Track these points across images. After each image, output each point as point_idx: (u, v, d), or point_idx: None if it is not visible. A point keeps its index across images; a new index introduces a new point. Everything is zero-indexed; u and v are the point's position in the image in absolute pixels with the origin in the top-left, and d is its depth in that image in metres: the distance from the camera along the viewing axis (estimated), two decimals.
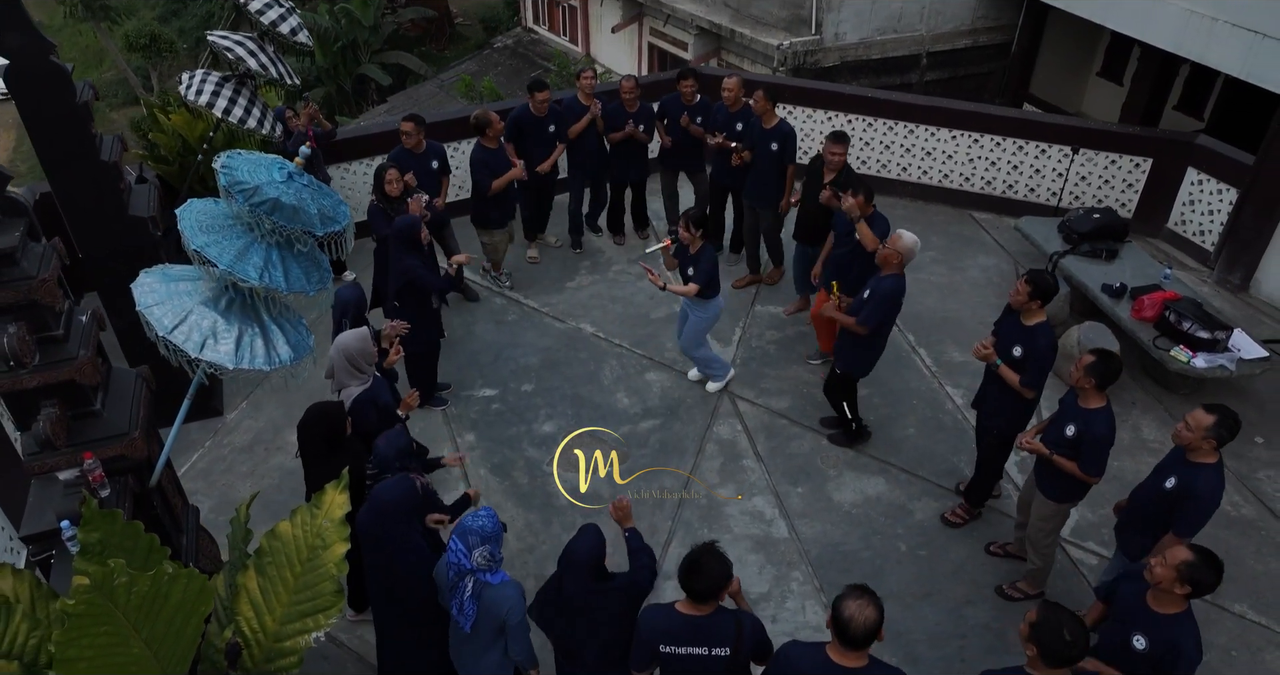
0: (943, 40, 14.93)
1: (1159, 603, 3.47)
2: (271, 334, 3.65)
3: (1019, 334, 4.84)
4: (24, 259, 3.63)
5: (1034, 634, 3.13)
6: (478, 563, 3.54)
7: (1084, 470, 4.42)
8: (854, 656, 3.15)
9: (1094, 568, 5.35)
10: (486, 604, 3.58)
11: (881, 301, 5.30)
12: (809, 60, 14.35)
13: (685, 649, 3.37)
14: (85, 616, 2.44)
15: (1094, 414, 4.38)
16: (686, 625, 3.38)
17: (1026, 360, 4.79)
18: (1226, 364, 5.96)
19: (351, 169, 7.86)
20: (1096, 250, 6.91)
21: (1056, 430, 4.52)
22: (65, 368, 3.75)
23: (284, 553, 3.35)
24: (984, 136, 8.06)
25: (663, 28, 17.38)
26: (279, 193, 3.40)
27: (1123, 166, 7.79)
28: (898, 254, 5.27)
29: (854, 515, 5.69)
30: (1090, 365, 4.31)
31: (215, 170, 3.42)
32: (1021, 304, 4.75)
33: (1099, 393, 4.38)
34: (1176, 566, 3.33)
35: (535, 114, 7.14)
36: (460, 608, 3.61)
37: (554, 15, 20.75)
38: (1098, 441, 4.35)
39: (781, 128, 6.79)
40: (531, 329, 7.23)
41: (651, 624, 3.45)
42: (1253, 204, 7.02)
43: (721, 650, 3.37)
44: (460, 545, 3.55)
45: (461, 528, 3.58)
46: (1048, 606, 3.16)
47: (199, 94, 5.36)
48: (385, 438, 4.32)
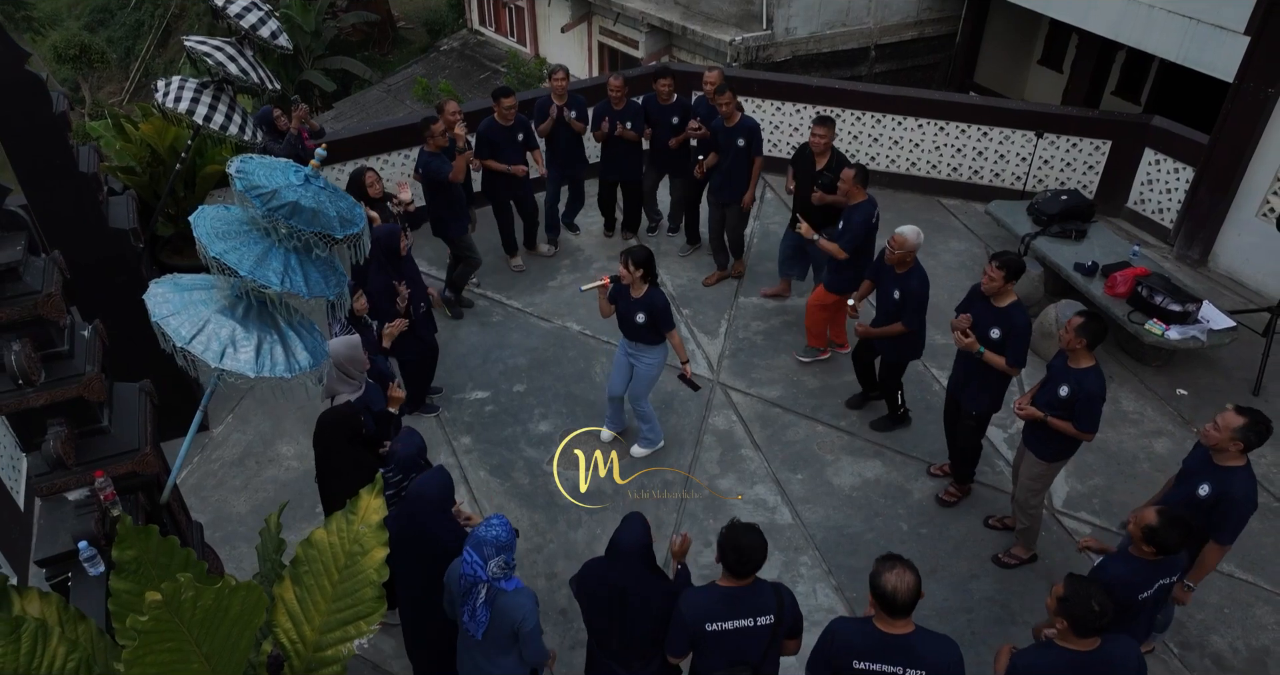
0: (890, 32, 15.21)
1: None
2: (290, 340, 3.58)
3: (994, 316, 4.93)
4: (27, 274, 3.52)
5: (1064, 608, 3.20)
6: (493, 573, 3.49)
7: (1080, 427, 4.55)
8: (901, 624, 3.24)
9: (1088, 536, 5.51)
10: (500, 610, 3.53)
11: (919, 304, 5.43)
12: (761, 55, 14.51)
13: (732, 623, 3.42)
14: (153, 633, 2.38)
15: (1085, 373, 4.52)
16: (729, 599, 3.43)
17: (1007, 340, 4.90)
18: (1198, 335, 6.19)
19: (345, 170, 7.79)
20: (1066, 231, 7.13)
21: (1049, 393, 4.65)
22: (73, 384, 3.65)
23: (321, 561, 3.30)
24: (949, 124, 8.25)
25: (612, 26, 17.39)
26: (297, 196, 3.35)
27: (1083, 149, 8.04)
28: (909, 253, 5.38)
29: (855, 498, 5.79)
30: (1080, 326, 4.44)
31: (230, 175, 3.35)
32: (997, 289, 4.84)
33: (1089, 353, 4.52)
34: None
35: (502, 124, 7.03)
36: (472, 614, 3.56)
37: (500, 16, 20.62)
38: (1091, 399, 4.49)
39: (745, 123, 6.87)
40: (517, 330, 7.20)
41: (694, 604, 3.47)
42: (1208, 181, 7.31)
43: (766, 618, 3.43)
44: (475, 556, 3.49)
45: (475, 538, 3.52)
46: (1073, 580, 3.25)
47: (177, 101, 5.22)
48: (400, 441, 4.29)
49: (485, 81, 20.19)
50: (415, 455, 4.26)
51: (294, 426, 6.37)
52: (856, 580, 5.27)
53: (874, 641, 3.24)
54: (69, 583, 3.64)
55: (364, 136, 7.98)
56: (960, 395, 5.28)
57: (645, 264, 5.29)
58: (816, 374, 6.71)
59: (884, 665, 3.25)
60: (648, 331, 5.44)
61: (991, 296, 4.91)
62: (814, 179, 6.41)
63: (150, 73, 26.80)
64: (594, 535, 5.58)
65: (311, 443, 6.08)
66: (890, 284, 5.55)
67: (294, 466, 6.09)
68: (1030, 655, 3.36)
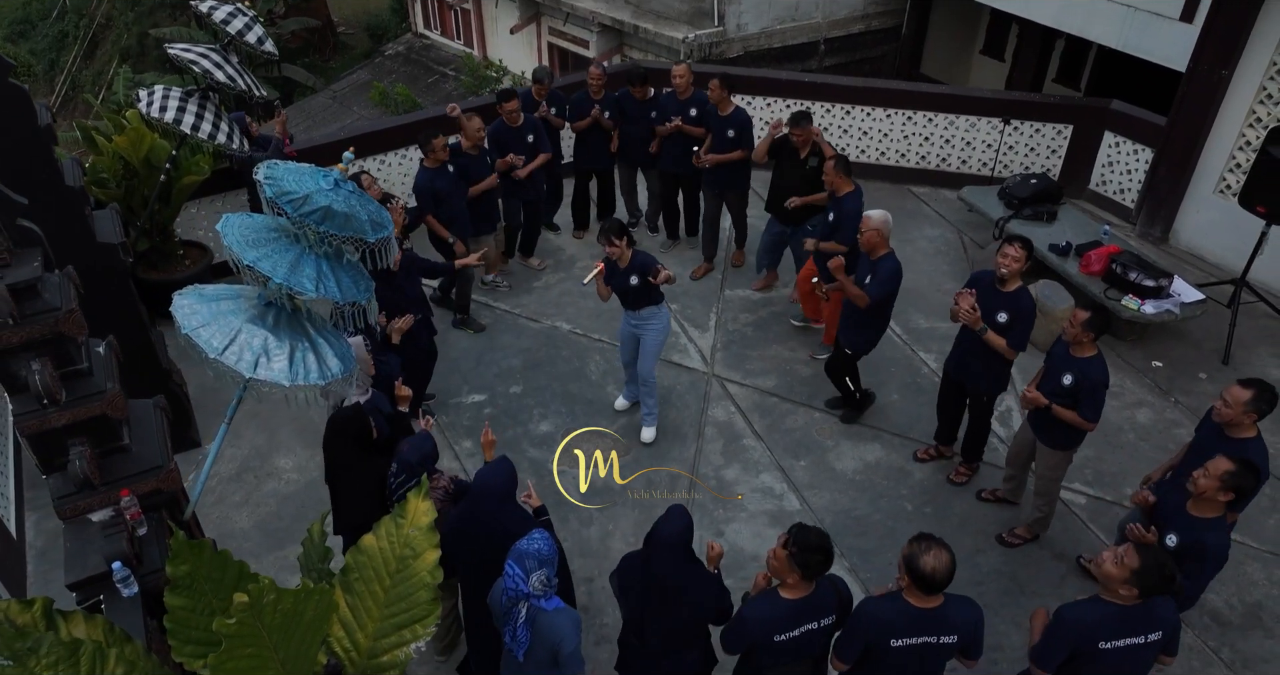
0: (838, 26, 15.46)
1: (1198, 508, 3.80)
2: (320, 347, 3.54)
3: (1001, 300, 5.04)
4: (45, 291, 3.42)
5: (1140, 580, 3.27)
6: (534, 588, 3.46)
7: (1083, 416, 4.68)
8: (932, 598, 3.33)
9: (1084, 507, 5.72)
10: (540, 630, 3.50)
11: (886, 280, 5.46)
12: (714, 51, 14.64)
13: (799, 629, 3.45)
14: (237, 637, 2.34)
15: (1089, 362, 4.66)
16: (797, 610, 3.44)
17: (1013, 323, 5.02)
18: (1172, 308, 6.45)
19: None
20: (1038, 213, 7.36)
21: (1053, 381, 4.77)
22: (95, 402, 3.56)
23: (371, 567, 3.27)
24: (917, 113, 8.45)
25: (562, 27, 17.36)
26: (329, 200, 3.31)
27: (1046, 134, 8.31)
28: (877, 234, 5.47)
29: (858, 482, 5.91)
30: (1087, 321, 4.57)
31: (258, 182, 3.30)
32: (1019, 269, 4.94)
33: (1093, 343, 4.69)
34: (1219, 476, 3.64)
35: (510, 125, 7.03)
36: (514, 635, 3.52)
37: (446, 19, 20.43)
38: (1096, 387, 4.63)
39: (737, 116, 6.95)
40: (508, 331, 7.17)
41: (761, 620, 3.45)
42: (1167, 161, 7.61)
43: (828, 619, 3.48)
44: (518, 570, 3.45)
45: (518, 552, 3.49)
46: (1142, 551, 3.32)
47: (163, 111, 5.09)
48: (409, 443, 4.25)
49: (434, 85, 20.00)
50: (420, 460, 4.22)
51: (290, 438, 6.26)
52: (867, 561, 5.38)
53: (908, 617, 3.32)
54: (102, 605, 3.55)
55: (357, 137, 7.86)
56: (963, 377, 5.41)
57: (624, 232, 5.54)
58: (809, 362, 6.82)
59: (920, 638, 3.34)
60: (645, 292, 5.60)
61: (1001, 281, 5.01)
62: (800, 168, 6.51)
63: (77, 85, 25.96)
64: (606, 532, 5.60)
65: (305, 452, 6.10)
66: (864, 269, 5.61)
67: (294, 478, 6.00)
68: (1079, 609, 3.45)
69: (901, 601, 3.35)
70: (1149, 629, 3.35)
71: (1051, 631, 3.44)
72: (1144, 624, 3.35)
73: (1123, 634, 3.34)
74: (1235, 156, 7.24)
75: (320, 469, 6.03)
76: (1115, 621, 3.33)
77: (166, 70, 20.15)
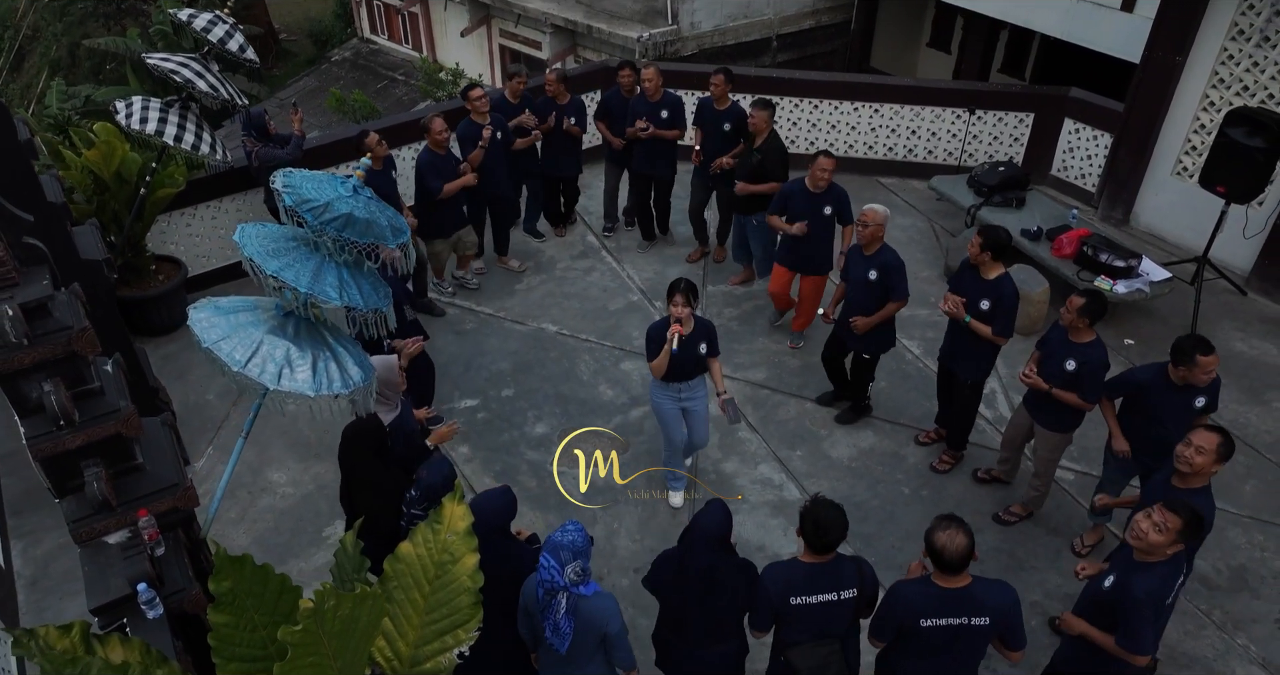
0: (789, 22, 15.66)
1: (1185, 482, 3.95)
2: (341, 356, 3.52)
3: (983, 288, 5.18)
4: (55, 309, 3.33)
5: (1184, 534, 3.44)
6: (570, 578, 3.49)
7: (1085, 398, 4.83)
8: (959, 578, 3.42)
9: (1073, 483, 5.90)
10: (585, 617, 3.54)
11: (901, 272, 5.57)
12: (669, 50, 14.72)
13: (816, 597, 3.52)
14: (301, 645, 2.32)
15: (1089, 347, 4.81)
16: (814, 574, 3.54)
17: (996, 310, 5.15)
18: (1142, 287, 6.68)
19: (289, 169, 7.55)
20: (1007, 199, 7.56)
21: (1054, 366, 4.90)
22: (110, 422, 3.47)
23: (410, 575, 3.24)
24: (883, 106, 8.61)
25: (514, 28, 17.29)
26: (350, 207, 3.28)
27: (1008, 122, 8.53)
28: (881, 229, 5.57)
29: (854, 468, 6.02)
30: (1082, 307, 4.73)
31: (276, 191, 3.26)
32: (974, 255, 5.10)
33: (1090, 328, 4.84)
34: (1215, 449, 3.80)
35: (478, 123, 6.99)
36: (555, 628, 3.54)
37: (393, 24, 20.20)
38: (1097, 371, 4.78)
39: (735, 109, 7.03)
40: (494, 335, 7.14)
41: (777, 579, 3.57)
42: (1126, 146, 7.87)
43: (850, 592, 3.55)
44: (552, 561, 3.48)
45: (551, 544, 3.52)
46: (1175, 506, 3.45)
47: (144, 122, 4.96)
48: (428, 468, 4.20)
49: (384, 90, 19.76)
50: (442, 484, 4.18)
51: (281, 452, 6.17)
52: (870, 545, 5.48)
53: (935, 598, 3.41)
54: (127, 629, 3.48)
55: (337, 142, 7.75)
56: (952, 364, 5.55)
57: (696, 293, 4.98)
58: (796, 354, 6.92)
59: (949, 619, 3.42)
60: (704, 360, 5.12)
61: (979, 268, 5.14)
62: (748, 160, 6.62)
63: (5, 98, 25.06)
64: (611, 531, 5.62)
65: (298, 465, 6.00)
66: (863, 266, 5.69)
67: (289, 493, 5.91)
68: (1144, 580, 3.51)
69: (929, 583, 3.43)
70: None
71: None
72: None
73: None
74: (1190, 139, 7.52)
75: (315, 482, 6.00)
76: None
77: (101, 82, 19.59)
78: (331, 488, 5.97)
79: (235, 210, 7.36)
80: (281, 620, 3.08)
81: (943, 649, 3.45)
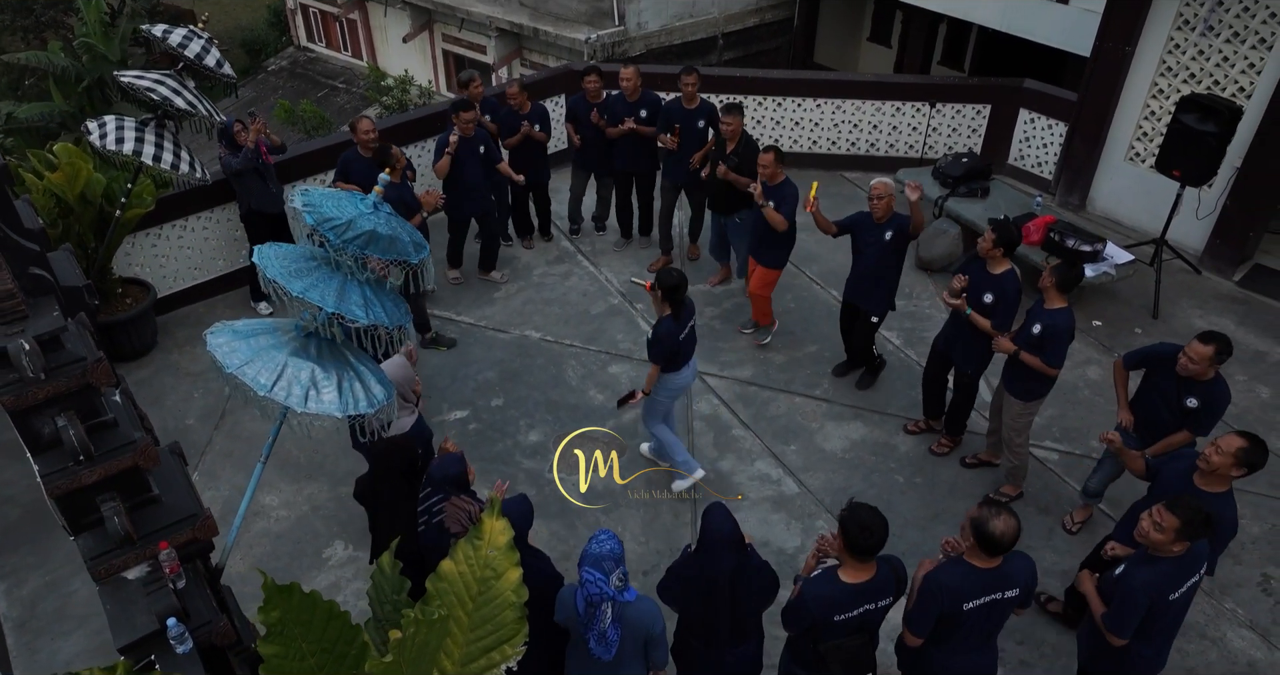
0: (734, 20, 15.82)
1: (1206, 482, 4.04)
2: (363, 375, 3.47)
3: (988, 282, 5.31)
4: (67, 341, 3.22)
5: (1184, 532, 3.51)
6: (615, 586, 3.51)
7: (1046, 361, 5.00)
8: (994, 559, 3.52)
9: (1057, 463, 6.08)
10: (630, 622, 3.56)
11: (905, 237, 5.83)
12: (617, 51, 14.75)
13: (857, 610, 3.55)
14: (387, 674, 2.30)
15: (1057, 313, 4.98)
16: (855, 594, 3.52)
17: (998, 304, 5.29)
18: (1109, 270, 6.92)
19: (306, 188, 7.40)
20: (972, 190, 7.75)
21: (1024, 331, 5.10)
22: (127, 454, 3.36)
23: (453, 593, 3.21)
24: (845, 102, 8.75)
25: (457, 33, 17.12)
26: (373, 224, 3.23)
27: (966, 114, 8.74)
28: (893, 197, 5.75)
29: (848, 460, 6.12)
30: (1054, 268, 4.98)
31: (297, 210, 3.19)
32: (986, 250, 5.25)
33: (1060, 295, 4.99)
34: (1233, 453, 3.91)
35: (463, 136, 6.88)
36: (601, 636, 3.54)
37: (331, 31, 19.83)
38: (1059, 335, 4.94)
39: (706, 106, 7.07)
40: (477, 345, 7.08)
41: (820, 600, 3.54)
42: (1080, 134, 8.13)
43: (886, 600, 3.61)
44: (597, 573, 3.49)
45: (592, 556, 3.52)
46: (1174, 507, 3.54)
47: (120, 142, 4.80)
48: (439, 463, 4.17)
49: (324, 99, 19.40)
50: (452, 478, 4.16)
51: (271, 475, 6.02)
52: None
53: (975, 580, 3.51)
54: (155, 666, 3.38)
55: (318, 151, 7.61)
56: (950, 352, 5.68)
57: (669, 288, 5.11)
58: (780, 349, 7.00)
59: (988, 596, 3.53)
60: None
61: (987, 263, 5.27)
62: (723, 159, 6.68)
63: None
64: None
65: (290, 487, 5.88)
66: (875, 231, 5.87)
67: (283, 516, 5.78)
68: (1144, 572, 3.63)
69: (966, 565, 3.52)
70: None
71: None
72: (1195, 565, 3.62)
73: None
74: (1142, 126, 7.81)
75: (309, 502, 5.90)
76: (1175, 572, 3.59)
77: (21, 98, 18.83)
78: (326, 508, 5.88)
79: (202, 228, 7.16)
80: (330, 647, 3.04)
81: (979, 627, 3.55)
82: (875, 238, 5.90)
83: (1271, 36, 6.88)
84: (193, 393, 6.62)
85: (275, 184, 6.77)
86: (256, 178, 6.58)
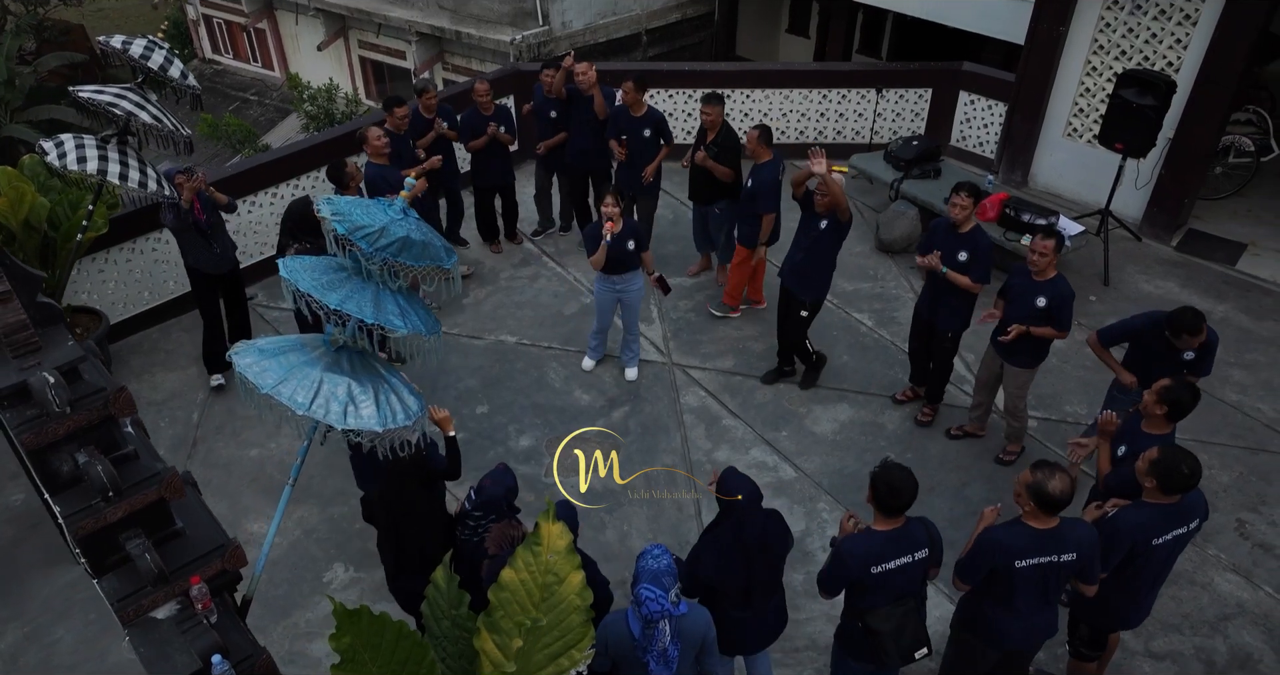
0: (657, 17, 15.88)
1: (1150, 425, 4.29)
2: (397, 388, 3.36)
3: (959, 241, 5.53)
4: (86, 371, 3.02)
5: (1154, 469, 3.73)
6: (674, 601, 3.48)
7: (1060, 328, 5.26)
8: (1050, 520, 3.63)
9: (1036, 429, 6.28)
10: (687, 635, 3.53)
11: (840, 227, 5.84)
12: (543, 51, 14.64)
13: (895, 561, 3.64)
14: None
15: (1057, 281, 5.22)
16: (890, 541, 3.65)
17: (973, 259, 5.50)
18: (1065, 242, 7.18)
19: (257, 202, 7.24)
20: (925, 171, 7.96)
21: (1026, 307, 5.27)
22: (152, 487, 3.18)
23: (515, 601, 3.14)
24: (792, 92, 8.87)
25: (375, 39, 16.73)
26: (406, 230, 3.12)
27: (909, 99, 8.97)
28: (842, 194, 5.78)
29: (839, 441, 6.21)
30: (1055, 245, 5.17)
31: (324, 219, 3.06)
32: (967, 215, 5.43)
33: (1054, 266, 5.21)
34: (1157, 391, 4.19)
35: (397, 133, 6.72)
36: (662, 655, 3.46)
37: (238, 42, 19.13)
38: (1066, 302, 5.20)
39: (652, 114, 7.06)
40: (453, 352, 6.93)
41: (856, 552, 3.64)
42: (1020, 113, 8.43)
43: (922, 553, 3.70)
44: (657, 591, 3.41)
45: (650, 573, 3.45)
46: (1165, 448, 3.77)
47: (81, 161, 4.50)
48: (491, 477, 4.09)
49: (236, 112, 18.70)
50: (503, 496, 4.08)
51: (255, 501, 5.80)
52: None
53: (1029, 540, 3.61)
54: None
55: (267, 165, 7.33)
56: (933, 317, 5.83)
57: (621, 192, 6.13)
58: (758, 337, 7.06)
59: (1040, 557, 3.64)
60: (635, 256, 6.10)
61: (958, 226, 5.45)
62: (704, 148, 6.73)
63: None
64: (623, 533, 5.60)
65: None
66: (814, 220, 5.89)
67: (276, 543, 5.52)
68: (1129, 513, 3.85)
69: (1023, 525, 3.63)
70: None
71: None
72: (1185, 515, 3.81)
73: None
74: (1078, 102, 8.14)
75: (300, 526, 5.70)
76: (1161, 519, 3.78)
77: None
78: (319, 531, 5.68)
79: (151, 249, 6.82)
80: (400, 669, 2.94)
81: (1032, 587, 3.65)
82: (812, 225, 5.91)
83: (1195, 13, 7.26)
84: (159, 422, 6.29)
85: (220, 243, 5.98)
86: (197, 236, 5.81)
